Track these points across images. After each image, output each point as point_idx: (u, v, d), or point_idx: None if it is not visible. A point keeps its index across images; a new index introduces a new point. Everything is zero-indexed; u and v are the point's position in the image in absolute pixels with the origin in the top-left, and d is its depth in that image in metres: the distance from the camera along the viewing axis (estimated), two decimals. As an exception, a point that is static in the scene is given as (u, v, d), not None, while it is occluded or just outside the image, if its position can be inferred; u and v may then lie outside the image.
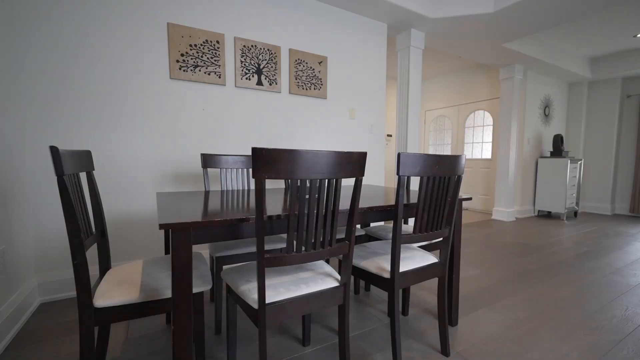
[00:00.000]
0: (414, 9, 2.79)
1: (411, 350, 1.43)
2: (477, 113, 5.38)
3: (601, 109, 5.19)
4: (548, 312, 1.81)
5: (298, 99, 2.63)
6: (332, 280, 1.13)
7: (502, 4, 2.78)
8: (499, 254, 2.91)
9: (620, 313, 1.79)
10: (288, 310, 1.01)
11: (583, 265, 2.64)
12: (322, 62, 2.71)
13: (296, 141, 2.66)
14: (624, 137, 5.13)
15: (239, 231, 1.01)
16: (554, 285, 2.19)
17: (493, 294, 2.04)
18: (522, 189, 4.86)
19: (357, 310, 1.81)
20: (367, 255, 1.41)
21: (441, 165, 1.23)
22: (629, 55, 4.53)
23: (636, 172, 4.93)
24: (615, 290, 2.12)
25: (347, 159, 1.00)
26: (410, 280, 1.30)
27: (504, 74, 4.48)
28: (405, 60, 3.24)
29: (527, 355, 1.41)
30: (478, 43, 3.60)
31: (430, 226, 1.30)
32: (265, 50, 2.40)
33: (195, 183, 2.25)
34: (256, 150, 0.85)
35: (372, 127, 3.12)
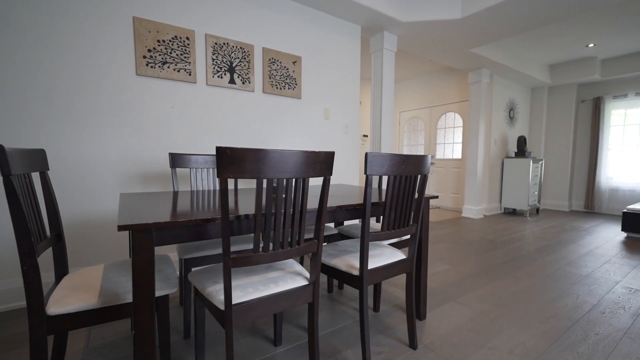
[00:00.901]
0: (386, 13, 2.86)
1: (381, 345, 1.47)
2: (448, 115, 5.59)
3: (559, 113, 5.57)
4: (509, 303, 1.92)
5: (272, 98, 2.61)
6: (301, 279, 1.14)
7: (468, 11, 2.91)
8: (467, 250, 3.05)
9: (572, 302, 1.94)
10: (256, 310, 1.00)
11: (542, 258, 2.82)
12: (297, 62, 2.71)
13: (270, 141, 2.64)
14: (579, 139, 5.53)
15: (206, 232, 0.99)
16: (515, 278, 2.33)
17: (460, 288, 2.13)
18: (490, 188, 5.11)
19: (329, 309, 1.82)
20: (338, 253, 1.43)
21: (407, 165, 1.27)
22: (582, 64, 4.89)
23: (589, 171, 5.33)
24: (569, 280, 2.29)
25: (314, 159, 1.01)
26: (378, 277, 1.33)
27: (472, 78, 4.69)
28: (379, 62, 3.31)
29: (489, 344, 1.48)
30: (447, 47, 3.75)
31: (398, 224, 1.34)
32: (238, 48, 2.36)
33: (163, 183, 2.18)
34: (220, 150, 0.84)
35: (347, 127, 3.17)
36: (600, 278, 2.34)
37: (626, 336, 1.55)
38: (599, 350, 1.43)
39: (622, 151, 5.06)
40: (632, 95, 4.90)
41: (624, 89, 4.99)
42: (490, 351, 1.43)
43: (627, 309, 1.85)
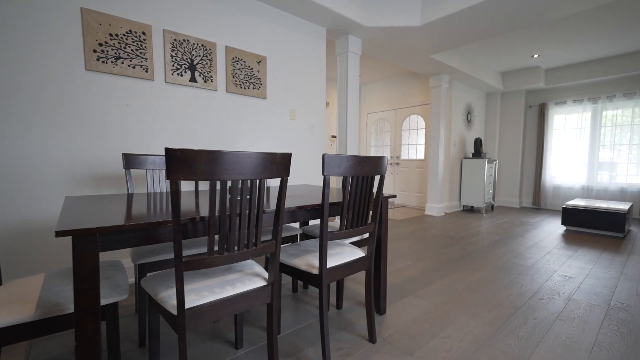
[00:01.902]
0: (350, 17, 2.93)
1: (342, 341, 1.51)
2: (412, 117, 5.83)
3: (510, 117, 6.03)
4: (462, 295, 2.05)
5: (236, 97, 2.57)
6: (260, 280, 1.14)
7: (427, 19, 3.06)
8: (428, 246, 3.21)
9: (516, 290, 2.12)
10: (211, 314, 0.99)
11: (493, 251, 3.04)
12: (261, 62, 2.69)
13: (235, 141, 2.60)
14: (528, 141, 6.03)
15: (158, 236, 0.96)
16: (469, 271, 2.49)
17: (419, 283, 2.24)
18: (450, 187, 5.41)
19: (293, 308, 1.84)
20: (299, 253, 1.45)
21: (364, 166, 1.32)
22: (529, 72, 5.34)
23: (536, 171, 5.83)
24: (515, 271, 2.49)
25: (270, 160, 1.02)
26: (338, 275, 1.37)
27: (433, 83, 4.94)
28: (344, 64, 3.38)
29: (442, 334, 1.58)
30: (409, 53, 3.91)
31: (356, 222, 1.38)
32: (199, 45, 2.30)
33: (118, 186, 2.06)
34: (170, 151, 0.82)
35: (313, 128, 3.20)
36: (542, 268, 2.58)
37: (559, 319, 1.73)
38: (535, 333, 1.59)
39: (562, 152, 5.59)
40: (571, 102, 5.44)
41: (564, 97, 5.52)
42: (443, 340, 1.52)
43: (562, 294, 2.06)
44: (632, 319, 1.73)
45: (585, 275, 2.41)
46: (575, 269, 2.56)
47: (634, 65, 4.57)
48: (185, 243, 1.56)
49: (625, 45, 4.30)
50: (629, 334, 1.59)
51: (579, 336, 1.56)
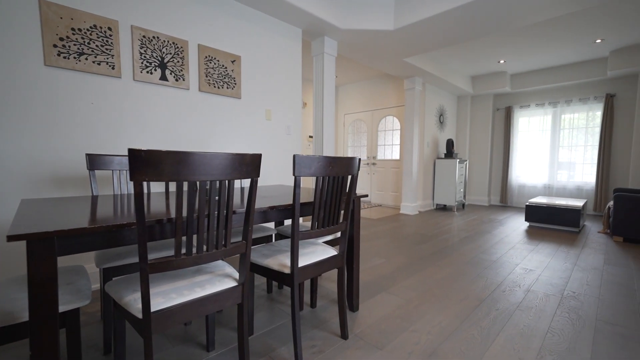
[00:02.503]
0: (326, 19, 2.96)
1: (315, 338, 1.53)
2: (388, 118, 5.98)
3: (480, 119, 6.32)
4: (432, 290, 2.14)
5: (209, 97, 2.53)
6: (230, 281, 1.14)
7: (400, 23, 3.16)
8: (402, 244, 3.31)
9: (482, 284, 2.24)
10: (179, 316, 0.98)
11: (462, 248, 3.19)
12: (236, 61, 2.66)
13: (209, 141, 2.55)
14: (496, 143, 6.35)
15: (122, 238, 0.94)
16: (439, 267, 2.60)
17: (392, 279, 2.31)
18: (424, 186, 5.59)
19: (268, 308, 1.84)
20: (272, 253, 1.45)
21: (334, 166, 1.35)
22: (496, 77, 5.63)
23: (503, 170, 6.16)
24: (482, 266, 2.63)
25: (239, 161, 1.03)
26: (310, 274, 1.39)
27: (407, 85, 5.09)
28: (320, 65, 3.41)
29: (411, 328, 1.65)
30: (384, 56, 4.01)
31: (328, 222, 1.41)
32: (170, 43, 2.24)
33: (83, 188, 1.97)
34: (134, 152, 0.81)
35: (290, 128, 3.20)
36: (505, 262, 2.73)
37: (518, 309, 1.85)
38: (497, 323, 1.69)
39: (527, 153, 5.94)
40: (534, 105, 5.79)
41: (528, 100, 5.87)
42: (412, 334, 1.59)
43: (522, 286, 2.20)
44: (582, 306, 1.88)
45: (543, 268, 2.58)
46: (535, 262, 2.74)
47: (587, 73, 4.94)
48: (155, 245, 1.52)
49: (581, 54, 4.64)
50: (578, 319, 1.73)
51: (535, 324, 1.68)
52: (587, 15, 3.38)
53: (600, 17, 3.44)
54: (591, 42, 4.14)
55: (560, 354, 1.42)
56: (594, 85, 5.16)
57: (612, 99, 4.94)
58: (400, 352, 1.43)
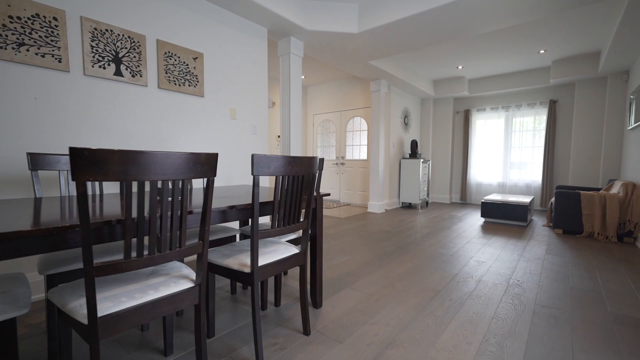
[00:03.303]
0: (291, 19, 2.98)
1: (277, 336, 1.55)
2: (356, 119, 6.11)
3: (441, 121, 6.67)
4: (393, 284, 2.24)
5: (170, 94, 2.44)
6: (187, 282, 1.13)
7: (364, 27, 3.25)
8: (367, 242, 3.41)
9: (439, 276, 2.38)
10: (129, 320, 0.95)
11: (424, 243, 3.36)
12: (198, 59, 2.59)
13: (171, 141, 2.47)
14: (456, 143, 6.73)
15: (64, 241, 0.90)
16: (401, 262, 2.72)
17: (356, 276, 2.38)
18: (390, 185, 5.79)
19: (231, 309, 1.82)
20: (232, 253, 1.45)
21: (294, 166, 1.37)
22: (455, 82, 5.97)
23: (463, 170, 6.55)
24: (440, 259, 2.79)
25: (194, 160, 1.02)
26: (271, 272, 1.40)
27: (373, 87, 5.24)
28: (286, 65, 3.42)
29: (372, 320, 1.72)
30: (349, 58, 4.11)
31: (288, 220, 1.43)
32: (125, 37, 2.14)
33: (25, 189, 1.82)
34: (76, 151, 0.78)
35: (256, 128, 3.18)
36: (461, 255, 2.92)
37: (469, 298, 2.00)
38: (450, 312, 1.81)
39: (483, 153, 6.36)
40: (489, 109, 6.21)
41: (484, 104, 6.29)
42: (372, 326, 1.65)
43: (474, 276, 2.37)
44: (524, 293, 2.07)
45: (494, 260, 2.80)
46: (488, 254, 2.96)
47: (534, 80, 5.40)
48: (108, 249, 1.45)
49: (529, 63, 5.06)
50: (520, 305, 1.90)
51: (483, 311, 1.82)
52: (532, 27, 3.71)
53: (543, 30, 3.78)
54: (536, 52, 4.54)
55: (502, 336, 1.56)
56: (539, 92, 5.65)
57: (554, 105, 5.45)
58: (359, 344, 1.48)
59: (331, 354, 1.41)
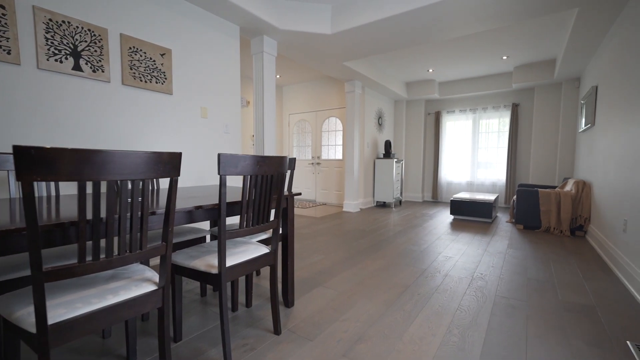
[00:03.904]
0: (264, 18, 2.95)
1: (247, 337, 1.53)
2: (331, 119, 6.16)
3: (414, 122, 6.89)
4: (365, 281, 2.28)
5: (135, 92, 2.34)
6: (149, 285, 1.09)
7: (337, 28, 3.29)
8: (341, 240, 3.46)
9: (409, 272, 2.46)
10: (85, 326, 0.91)
11: (396, 240, 3.45)
12: (166, 55, 2.51)
13: (137, 139, 2.36)
14: (427, 144, 6.97)
15: (10, 246, 0.84)
16: (373, 259, 2.78)
17: (328, 274, 2.41)
18: (365, 184, 5.90)
19: (200, 312, 1.78)
20: (200, 254, 1.42)
21: (263, 165, 1.37)
22: (427, 84, 6.19)
23: (434, 169, 6.80)
24: (411, 256, 2.88)
25: (156, 159, 0.99)
26: (239, 272, 1.39)
27: (347, 88, 5.31)
28: (260, 64, 3.39)
29: (342, 317, 1.74)
30: (323, 58, 4.14)
31: (257, 220, 1.43)
32: (85, 30, 2.03)
33: (-30, 191, 1.68)
34: (21, 150, 0.73)
35: (228, 127, 3.12)
36: (431, 251, 3.04)
37: (436, 292, 2.08)
38: (417, 306, 1.88)
39: (453, 153, 6.64)
40: (458, 111, 6.49)
41: (454, 106, 6.56)
42: (342, 323, 1.68)
43: (442, 271, 2.47)
44: (486, 285, 2.19)
45: (461, 255, 2.93)
46: (455, 250, 3.10)
47: (498, 84, 5.71)
48: (65, 252, 1.37)
49: (493, 68, 5.34)
50: (482, 296, 2.01)
51: (448, 304, 1.91)
52: (496, 35, 3.92)
53: (506, 38, 4.01)
54: (499, 58, 4.80)
55: (464, 327, 1.64)
56: (503, 96, 5.98)
57: (517, 108, 5.79)
58: (329, 341, 1.51)
59: (301, 352, 1.42)
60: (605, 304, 1.91)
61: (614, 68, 2.88)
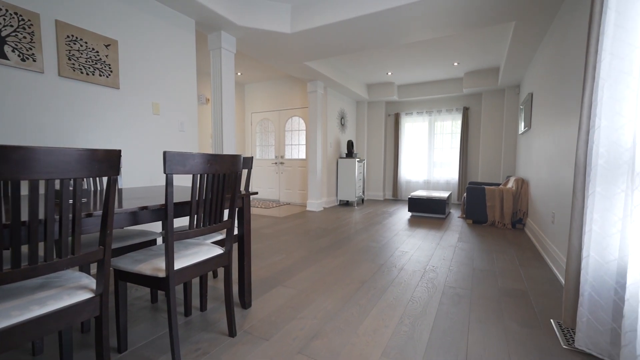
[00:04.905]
0: (221, 13, 2.87)
1: (200, 341, 1.48)
2: (294, 119, 6.15)
3: (375, 123, 7.11)
4: (324, 278, 2.32)
5: (75, 84, 2.15)
6: (84, 293, 1.01)
7: (296, 28, 3.30)
8: (303, 239, 3.47)
9: (367, 268, 2.54)
10: (3, 342, 0.82)
11: (356, 238, 3.55)
12: (112, 46, 2.33)
13: (76, 136, 2.17)
14: (388, 144, 7.24)
15: None
16: (334, 257, 2.83)
17: (289, 273, 2.41)
18: (328, 184, 5.97)
19: (150, 319, 1.69)
20: (147, 258, 1.34)
21: (214, 164, 1.33)
22: (386, 86, 6.43)
23: (394, 169, 7.08)
24: (370, 252, 2.98)
25: (90, 157, 0.92)
26: (190, 275, 1.34)
27: (310, 87, 5.34)
28: (217, 60, 3.29)
29: (300, 315, 1.75)
30: (284, 57, 4.12)
31: (209, 220, 1.39)
32: (11, 13, 1.82)
33: None
34: None
35: (183, 125, 2.98)
36: (389, 247, 3.16)
37: (391, 285, 2.18)
38: (373, 300, 1.95)
39: (412, 153, 6.97)
40: (415, 113, 6.83)
41: (411, 109, 6.89)
42: (300, 320, 1.69)
43: (397, 265, 2.59)
44: (437, 277, 2.34)
45: (416, 249, 3.09)
46: (411, 245, 3.26)
47: (451, 89, 6.10)
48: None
49: (446, 73, 5.70)
50: (432, 287, 2.14)
51: (402, 295, 2.01)
52: (448, 42, 4.18)
53: (456, 46, 4.30)
54: (451, 64, 5.14)
55: (415, 317, 1.73)
56: (456, 99, 6.41)
57: (467, 111, 6.23)
58: (286, 339, 1.51)
59: (257, 352, 1.41)
60: (536, 288, 2.13)
61: (545, 77, 3.22)
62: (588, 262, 1.28)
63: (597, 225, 1.25)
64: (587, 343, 1.32)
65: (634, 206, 1.10)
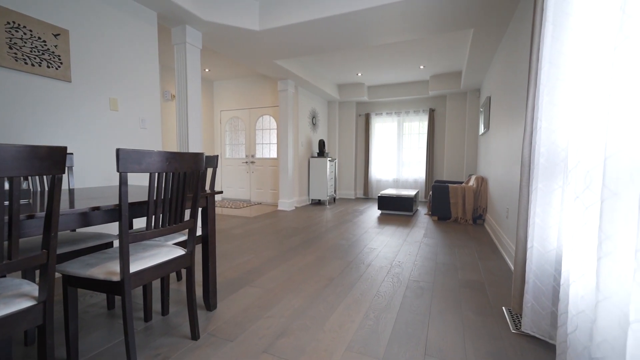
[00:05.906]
0: (184, 6, 2.77)
1: (160, 347, 1.43)
2: (265, 117, 6.08)
3: (346, 123, 7.22)
4: (293, 277, 2.32)
5: (18, 76, 1.97)
6: (25, 301, 0.94)
7: (265, 25, 3.26)
8: (273, 239, 3.44)
9: (336, 265, 2.57)
10: None
11: (327, 236, 3.58)
12: (61, 36, 2.17)
13: (21, 133, 1.99)
14: (359, 144, 7.38)
15: None
16: (304, 255, 2.84)
17: (257, 273, 2.38)
18: (300, 183, 5.97)
19: (107, 326, 1.59)
20: (100, 261, 1.27)
21: (173, 162, 1.28)
22: (356, 87, 6.54)
23: (365, 168, 7.23)
24: (340, 250, 3.02)
25: (29, 154, 0.85)
26: (147, 278, 1.28)
27: (280, 86, 5.30)
28: (182, 55, 3.17)
29: (267, 314, 1.74)
30: (254, 55, 4.06)
31: (169, 221, 1.34)
32: (-60, -5, 1.63)
33: None
34: None
35: (145, 122, 2.84)
36: (358, 244, 3.23)
37: (359, 281, 2.23)
38: (341, 296, 1.98)
39: (382, 153, 7.16)
40: (385, 114, 7.02)
41: (381, 109, 7.07)
42: (266, 320, 1.68)
43: (365, 262, 2.65)
44: (402, 272, 2.43)
45: (383, 246, 3.18)
46: (379, 242, 3.35)
47: (418, 91, 6.34)
48: None
49: (413, 76, 5.91)
50: (397, 282, 2.22)
51: (368, 291, 2.06)
52: (414, 45, 4.34)
53: (422, 49, 4.48)
54: (418, 67, 5.34)
55: (380, 311, 1.79)
56: (422, 101, 6.67)
57: (433, 113, 6.51)
58: (251, 339, 1.49)
59: (220, 353, 1.38)
60: (491, 279, 2.28)
61: (500, 81, 3.45)
62: (532, 253, 1.40)
63: (540, 218, 1.37)
64: (532, 326, 1.44)
65: (566, 200, 1.21)
